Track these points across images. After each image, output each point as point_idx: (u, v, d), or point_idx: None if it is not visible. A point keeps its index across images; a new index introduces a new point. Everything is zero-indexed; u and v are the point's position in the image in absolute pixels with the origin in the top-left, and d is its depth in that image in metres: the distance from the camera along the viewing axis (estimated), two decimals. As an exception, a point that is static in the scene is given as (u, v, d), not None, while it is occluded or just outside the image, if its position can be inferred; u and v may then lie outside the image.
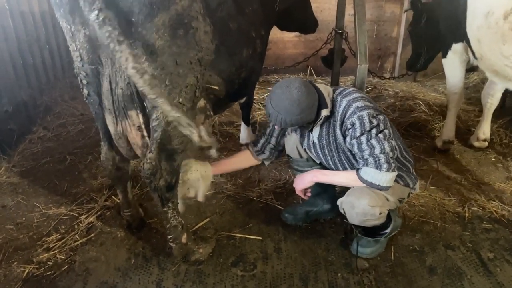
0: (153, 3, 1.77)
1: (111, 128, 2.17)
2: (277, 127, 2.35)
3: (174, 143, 2.09)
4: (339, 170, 2.42)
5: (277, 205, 2.99)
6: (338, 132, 2.29)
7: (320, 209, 2.78)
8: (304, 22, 3.93)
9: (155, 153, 2.07)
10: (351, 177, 2.23)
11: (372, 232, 2.43)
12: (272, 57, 5.70)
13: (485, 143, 3.78)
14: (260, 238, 2.66)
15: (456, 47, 3.33)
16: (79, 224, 2.80)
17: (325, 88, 2.33)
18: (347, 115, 2.22)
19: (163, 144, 2.06)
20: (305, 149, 2.56)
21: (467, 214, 2.87)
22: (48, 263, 2.46)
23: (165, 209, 2.25)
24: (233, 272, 2.39)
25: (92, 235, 2.70)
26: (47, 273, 2.39)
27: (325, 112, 2.25)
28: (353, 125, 2.18)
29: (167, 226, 2.31)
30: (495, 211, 2.90)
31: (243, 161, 2.73)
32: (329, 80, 5.14)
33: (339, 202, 2.36)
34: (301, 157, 2.62)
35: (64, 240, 2.64)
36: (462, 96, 3.65)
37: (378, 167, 2.13)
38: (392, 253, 2.52)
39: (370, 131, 2.14)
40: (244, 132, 3.85)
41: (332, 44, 4.16)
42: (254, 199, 3.07)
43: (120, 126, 2.11)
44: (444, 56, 3.51)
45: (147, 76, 1.71)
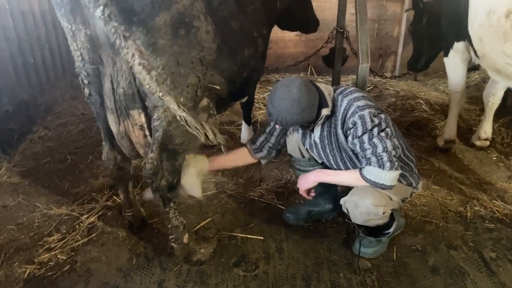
0: (154, 2, 1.76)
1: (113, 128, 2.16)
2: (278, 126, 2.34)
3: (176, 143, 2.09)
4: (341, 170, 2.41)
5: (278, 205, 2.98)
6: (340, 131, 2.28)
7: (322, 209, 2.77)
8: (305, 21, 3.91)
9: (157, 153, 2.07)
10: (354, 177, 2.22)
11: (375, 232, 2.42)
12: (273, 56, 5.68)
13: (486, 142, 3.77)
14: (262, 238, 2.65)
15: (458, 46, 3.32)
16: (80, 224, 2.79)
17: (325, 87, 2.32)
18: (348, 115, 2.21)
19: (164, 144, 2.06)
20: (307, 149, 2.55)
21: (469, 214, 2.86)
22: (50, 263, 2.46)
23: (166, 209, 2.25)
24: (235, 272, 2.39)
25: (93, 235, 2.69)
26: (48, 274, 2.38)
27: (325, 112, 2.24)
28: (354, 124, 2.17)
29: (169, 226, 2.31)
30: (497, 210, 2.89)
31: (240, 158, 2.71)
32: (330, 79, 5.14)
33: (342, 201, 2.36)
34: (303, 156, 2.61)
35: (65, 240, 2.64)
36: (464, 95, 3.63)
37: (381, 166, 2.12)
38: (394, 253, 2.51)
39: (371, 130, 2.13)
40: (245, 131, 3.84)
41: (333, 43, 4.16)
42: (256, 199, 3.06)
43: (123, 126, 2.10)
44: (446, 55, 3.50)
45: (154, 73, 1.68)
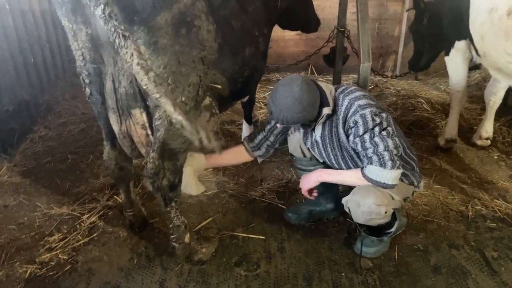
0: (155, 1, 1.76)
1: (115, 128, 2.15)
2: (279, 125, 2.33)
3: (177, 142, 2.08)
4: (343, 169, 2.41)
5: (280, 205, 2.98)
6: (341, 130, 2.28)
7: (323, 208, 2.77)
8: (306, 20, 3.90)
9: (158, 152, 2.06)
10: (356, 176, 2.21)
11: (377, 231, 2.42)
12: (273, 55, 5.68)
13: (487, 142, 3.76)
14: (263, 237, 2.65)
15: (459, 45, 3.32)
16: (81, 224, 2.79)
17: (327, 86, 2.31)
18: (349, 114, 2.20)
19: (166, 144, 2.05)
20: (308, 148, 2.55)
21: (470, 213, 2.86)
22: (51, 263, 2.45)
23: (168, 208, 2.24)
24: (237, 272, 2.38)
25: (94, 235, 2.69)
26: (49, 273, 2.38)
27: (326, 111, 2.23)
28: (356, 123, 2.17)
29: (170, 225, 2.30)
30: (499, 209, 2.89)
31: (237, 156, 2.70)
32: (330, 78, 5.14)
33: (344, 200, 2.35)
34: (305, 156, 2.61)
35: (66, 240, 2.63)
36: (465, 94, 3.63)
37: (382, 165, 2.11)
38: (396, 252, 2.51)
39: (373, 129, 2.13)
40: (246, 131, 3.83)
41: (334, 42, 4.16)
42: (257, 198, 3.06)
43: (124, 125, 2.10)
44: (447, 54, 3.50)
45: (152, 74, 1.67)
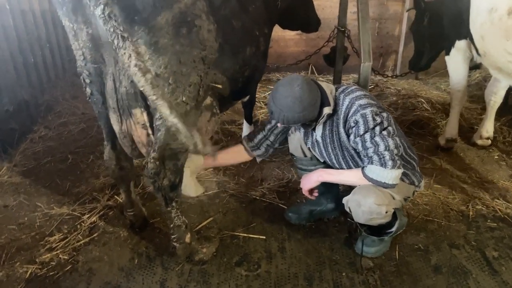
0: (156, 1, 1.76)
1: (115, 127, 2.15)
2: (279, 125, 2.33)
3: (178, 142, 2.07)
4: (343, 169, 2.41)
5: (280, 204, 2.98)
6: (342, 130, 2.27)
7: (324, 208, 2.77)
8: (306, 20, 3.90)
9: (159, 152, 2.06)
10: (357, 176, 2.21)
11: (378, 231, 2.42)
12: (274, 55, 5.68)
13: (488, 141, 3.76)
14: (264, 237, 2.65)
15: (460, 44, 3.32)
16: (82, 224, 2.78)
17: (327, 86, 2.31)
18: (350, 113, 2.20)
19: (167, 143, 2.05)
20: (309, 148, 2.54)
21: (471, 213, 2.85)
22: (51, 263, 2.45)
23: (168, 208, 2.24)
24: (237, 272, 2.38)
25: (95, 235, 2.69)
26: (50, 274, 2.38)
27: (327, 110, 2.23)
28: (356, 123, 2.16)
29: (171, 225, 2.30)
30: (499, 209, 2.88)
31: (236, 155, 2.70)
32: (331, 78, 5.14)
33: (344, 200, 2.35)
34: (305, 155, 2.61)
35: (67, 240, 2.63)
36: (465, 94, 3.63)
37: (383, 164, 2.11)
38: (397, 252, 2.50)
39: (373, 128, 2.13)
40: (246, 130, 3.82)
41: (334, 42, 4.15)
42: (257, 198, 3.06)
43: (125, 125, 2.10)
44: (448, 53, 3.50)
45: (149, 75, 1.67)
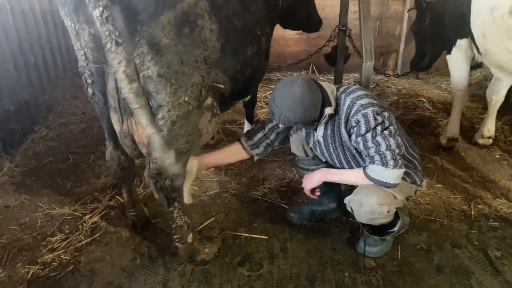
0: (158, 1, 1.75)
1: (116, 127, 2.14)
2: (281, 125, 2.32)
3: (180, 143, 2.07)
4: (345, 169, 2.40)
5: (282, 204, 2.97)
6: (343, 130, 2.27)
7: (325, 208, 2.77)
8: (307, 20, 3.88)
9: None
10: (358, 175, 2.21)
11: (380, 230, 2.41)
12: (274, 54, 5.67)
13: (489, 141, 3.76)
14: (266, 237, 2.64)
15: (461, 43, 3.31)
16: (83, 224, 2.78)
17: (328, 86, 2.30)
18: (351, 113, 2.20)
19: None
20: (311, 148, 2.54)
21: (473, 212, 2.85)
22: (53, 263, 2.45)
23: (170, 209, 2.24)
24: (239, 272, 2.38)
25: (96, 235, 2.68)
26: (52, 274, 2.37)
27: (329, 110, 2.23)
28: (358, 123, 2.16)
29: (173, 226, 2.30)
30: (501, 209, 2.88)
31: (233, 154, 2.68)
32: (332, 77, 5.13)
33: (346, 200, 2.34)
34: (307, 155, 2.60)
35: (68, 240, 2.63)
36: (467, 93, 3.62)
37: (384, 164, 2.11)
38: (399, 252, 2.50)
39: (375, 128, 2.12)
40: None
41: (335, 41, 4.14)
42: (259, 198, 3.05)
43: (126, 125, 2.09)
44: (449, 52, 3.49)
45: (135, 85, 1.68)
